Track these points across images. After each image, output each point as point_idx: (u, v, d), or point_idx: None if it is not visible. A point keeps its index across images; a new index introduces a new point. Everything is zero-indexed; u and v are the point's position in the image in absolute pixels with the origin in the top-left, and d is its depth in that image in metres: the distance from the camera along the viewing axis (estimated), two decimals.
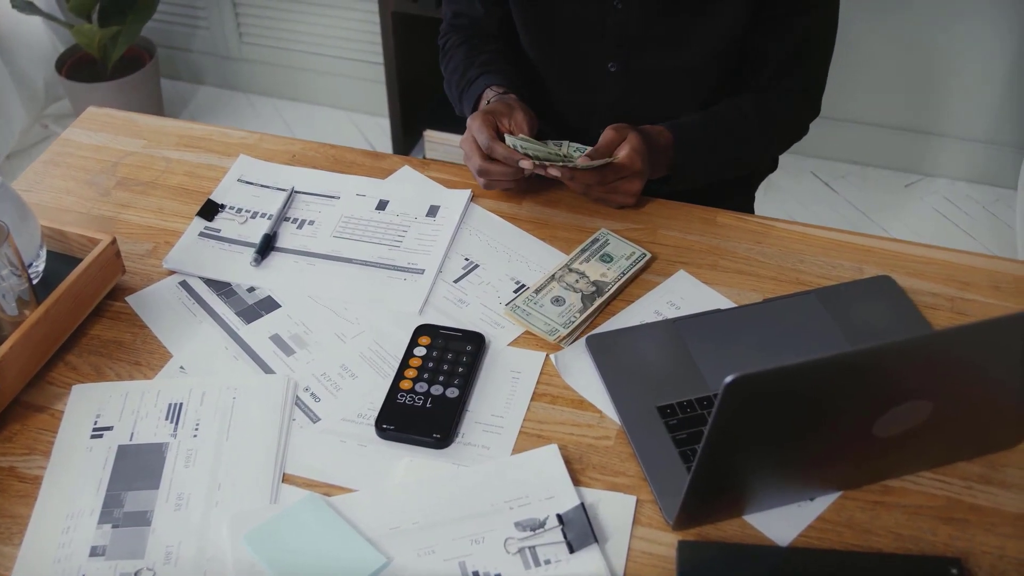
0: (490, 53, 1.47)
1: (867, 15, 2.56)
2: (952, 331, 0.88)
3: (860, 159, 2.84)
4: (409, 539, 0.95)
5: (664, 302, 1.20)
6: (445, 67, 1.53)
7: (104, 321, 1.19)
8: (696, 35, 1.34)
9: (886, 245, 1.28)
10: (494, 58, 1.46)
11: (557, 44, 1.43)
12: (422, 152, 2.87)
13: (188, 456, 1.03)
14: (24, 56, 2.88)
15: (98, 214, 1.33)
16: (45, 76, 2.95)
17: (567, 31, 1.40)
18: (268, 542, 0.94)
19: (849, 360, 0.80)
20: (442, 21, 1.57)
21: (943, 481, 1.01)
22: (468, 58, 1.47)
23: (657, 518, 0.98)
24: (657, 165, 1.31)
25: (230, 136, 1.47)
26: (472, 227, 1.31)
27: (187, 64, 3.19)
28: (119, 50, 2.80)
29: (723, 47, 1.36)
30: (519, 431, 1.06)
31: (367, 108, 3.07)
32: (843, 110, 2.75)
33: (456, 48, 1.51)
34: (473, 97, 1.42)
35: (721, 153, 1.38)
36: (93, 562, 0.94)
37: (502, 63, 1.46)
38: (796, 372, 0.78)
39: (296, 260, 1.26)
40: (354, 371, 1.12)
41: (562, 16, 1.39)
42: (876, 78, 2.68)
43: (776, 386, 0.79)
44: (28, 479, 1.02)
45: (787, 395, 0.81)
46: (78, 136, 1.47)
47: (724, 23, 1.32)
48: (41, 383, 1.11)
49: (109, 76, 2.83)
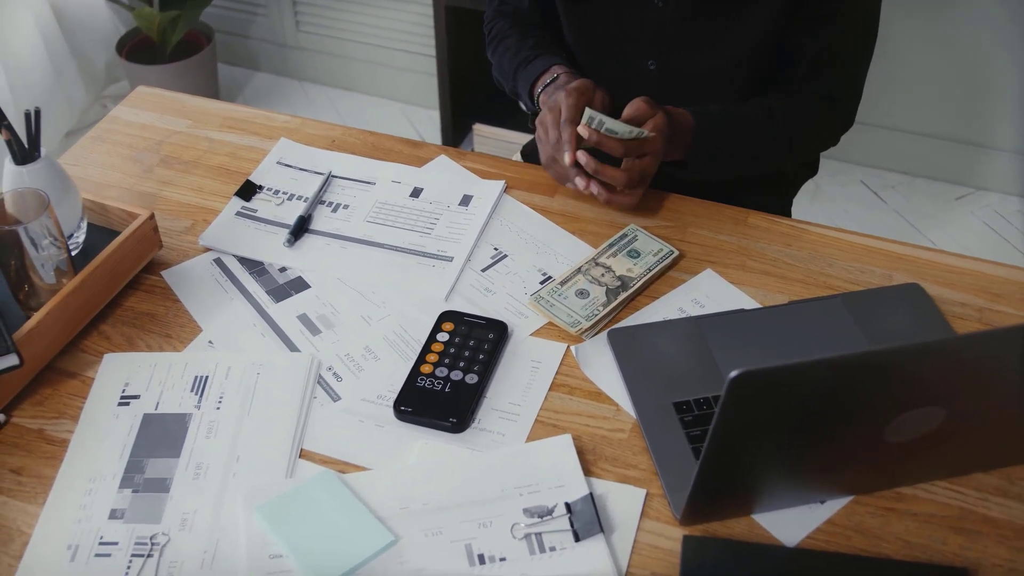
0: (540, 38, 1.48)
1: (918, 23, 2.53)
2: (966, 338, 0.88)
3: (911, 169, 2.80)
4: (418, 519, 0.96)
5: (689, 300, 1.20)
6: (494, 50, 1.53)
7: (139, 293, 1.22)
8: (731, 36, 1.34)
9: (918, 253, 1.26)
10: (548, 42, 1.47)
11: (598, 40, 1.43)
12: (471, 145, 2.89)
13: (210, 428, 1.05)
14: (86, 37, 2.95)
15: (140, 190, 1.37)
16: (106, 57, 3.01)
17: (608, 27, 1.40)
18: (280, 515, 0.96)
19: (858, 361, 0.79)
20: (486, 10, 1.58)
21: (957, 491, 1.00)
22: (522, 39, 1.47)
23: (666, 512, 0.98)
24: (674, 147, 1.30)
25: (273, 120, 1.50)
26: (503, 217, 1.32)
27: (244, 50, 3.24)
28: (178, 34, 2.86)
29: (757, 49, 1.35)
30: (535, 420, 1.07)
31: (419, 100, 3.10)
32: (895, 119, 2.72)
33: (507, 31, 1.51)
34: (533, 75, 1.40)
35: (740, 148, 1.36)
36: (111, 524, 0.97)
37: (556, 47, 1.46)
38: (803, 370, 0.78)
39: (328, 243, 1.28)
40: (377, 353, 1.14)
41: (604, 12, 1.39)
42: (929, 88, 2.65)
43: (782, 383, 0.79)
44: (56, 442, 1.05)
45: (794, 393, 0.81)
46: (126, 114, 1.51)
47: (759, 25, 1.32)
48: (75, 350, 1.15)
49: (167, 59, 2.89)
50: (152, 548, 0.95)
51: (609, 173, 1.23)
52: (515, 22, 1.52)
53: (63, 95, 2.86)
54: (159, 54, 2.91)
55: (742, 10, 1.32)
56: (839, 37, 1.34)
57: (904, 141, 2.75)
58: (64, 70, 2.86)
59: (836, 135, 1.46)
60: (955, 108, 2.67)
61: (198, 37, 2.98)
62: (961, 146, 2.72)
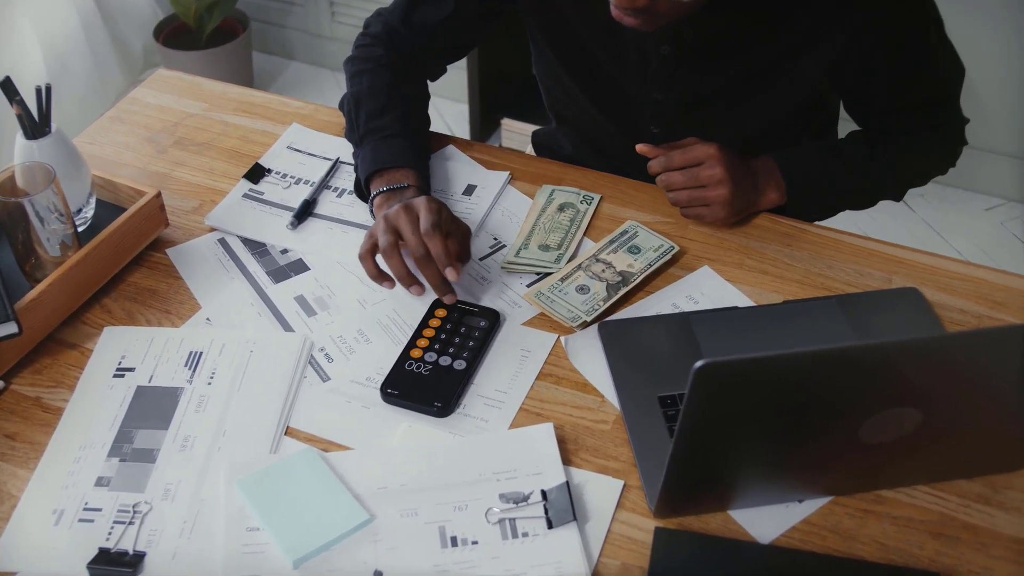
0: (414, 107, 1.36)
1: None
2: (941, 338, 0.87)
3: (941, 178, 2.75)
4: (395, 500, 0.97)
5: (683, 296, 1.20)
6: (357, 74, 1.35)
7: (143, 270, 1.24)
8: (737, 119, 1.35)
9: (919, 258, 1.25)
10: (418, 115, 1.37)
11: (604, 109, 1.42)
12: (499, 140, 2.90)
13: (200, 402, 1.07)
14: (125, 22, 3.00)
15: (153, 170, 1.39)
16: (144, 42, 3.06)
17: (612, 98, 1.39)
18: (259, 488, 0.97)
19: (826, 357, 0.79)
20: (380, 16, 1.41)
21: (939, 496, 0.99)
22: (394, 94, 1.33)
23: (642, 504, 0.99)
24: (757, 182, 1.28)
25: (288, 105, 1.52)
26: (505, 208, 1.33)
27: (279, 39, 3.28)
28: (214, 21, 2.90)
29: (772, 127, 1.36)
30: (520, 408, 1.08)
31: (449, 94, 3.11)
32: None
33: (382, 64, 1.35)
34: (382, 161, 1.26)
35: (839, 184, 1.33)
36: (97, 491, 0.99)
37: (424, 125, 1.38)
38: (769, 363, 0.78)
39: (331, 227, 1.30)
40: (370, 336, 1.15)
41: (605, 87, 1.38)
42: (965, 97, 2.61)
43: (749, 376, 0.79)
44: (51, 410, 1.08)
45: (761, 386, 0.81)
46: (145, 96, 1.54)
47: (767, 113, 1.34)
48: (76, 322, 1.17)
49: (203, 45, 2.93)
50: (134, 516, 0.97)
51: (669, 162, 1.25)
52: (393, 57, 1.36)
53: (100, 79, 2.91)
54: (195, 40, 2.95)
55: (758, 98, 1.31)
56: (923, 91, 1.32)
57: None
58: (102, 54, 2.91)
59: (949, 159, 1.43)
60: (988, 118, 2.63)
61: (234, 25, 3.02)
62: (994, 156, 2.68)
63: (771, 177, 1.29)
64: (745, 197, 1.26)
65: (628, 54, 1.31)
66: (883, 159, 1.33)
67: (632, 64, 1.32)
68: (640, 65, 1.31)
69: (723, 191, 1.23)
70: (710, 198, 1.24)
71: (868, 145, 1.34)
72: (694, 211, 1.26)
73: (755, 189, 1.28)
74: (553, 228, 1.28)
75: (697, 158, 1.23)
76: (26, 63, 2.64)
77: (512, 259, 1.24)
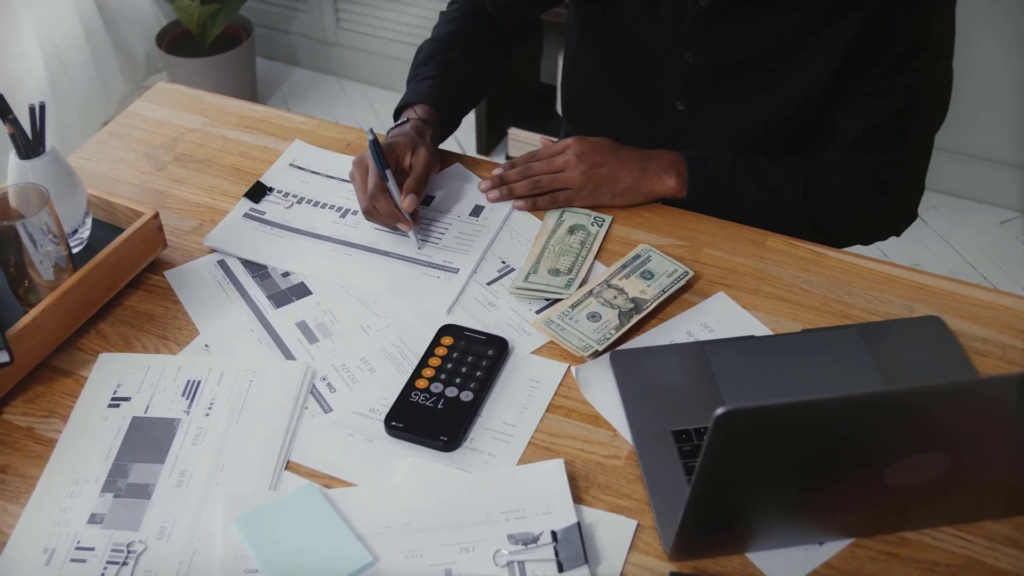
0: (458, 57, 1.41)
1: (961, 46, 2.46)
2: (970, 383, 0.83)
3: (955, 191, 2.73)
4: (399, 540, 0.94)
5: (698, 323, 1.16)
6: (432, 33, 1.48)
7: (140, 293, 1.20)
8: (766, 97, 1.32)
9: (942, 284, 1.21)
10: (459, 63, 1.41)
11: (628, 81, 1.41)
12: (506, 149, 2.87)
13: (197, 434, 1.04)
14: (128, 28, 2.97)
15: (151, 187, 1.36)
16: (146, 49, 3.03)
17: (636, 63, 1.38)
18: (258, 527, 0.94)
19: (851, 403, 0.75)
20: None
21: (965, 539, 0.95)
22: (440, 48, 1.42)
23: (655, 546, 0.95)
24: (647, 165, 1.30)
25: (290, 120, 1.48)
26: (514, 230, 1.29)
27: (283, 45, 3.24)
28: (217, 27, 2.86)
29: (796, 112, 1.32)
30: (529, 442, 1.04)
31: None
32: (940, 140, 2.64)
33: (448, 24, 1.46)
34: (405, 98, 1.37)
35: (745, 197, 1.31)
36: (90, 529, 0.95)
37: (459, 73, 1.41)
38: (793, 410, 0.74)
39: (334, 249, 1.26)
40: (373, 365, 1.12)
41: (633, 51, 1.37)
42: (975, 109, 2.57)
43: (770, 422, 0.75)
44: (44, 441, 1.04)
45: (784, 433, 0.77)
46: (144, 109, 1.50)
47: (797, 92, 1.30)
48: (71, 348, 1.14)
49: (206, 52, 2.90)
50: (128, 556, 0.93)
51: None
52: (471, 14, 1.46)
53: (102, 85, 2.88)
54: (198, 47, 2.92)
55: (783, 72, 1.29)
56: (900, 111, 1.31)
57: (950, 161, 2.68)
58: (104, 61, 2.88)
59: (889, 223, 1.40)
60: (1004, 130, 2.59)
61: (237, 31, 2.98)
62: (1008, 168, 2.64)
63: (672, 166, 1.30)
64: (625, 172, 1.29)
65: (663, 6, 1.30)
66: (798, 185, 1.31)
67: (666, 20, 1.31)
68: (675, 18, 1.30)
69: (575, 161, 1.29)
70: (564, 177, 1.29)
71: (791, 168, 1.32)
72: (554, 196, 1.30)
73: (643, 171, 1.29)
74: (563, 251, 1.24)
75: (555, 151, 1.30)
76: (28, 69, 2.61)
77: (521, 284, 1.20)
